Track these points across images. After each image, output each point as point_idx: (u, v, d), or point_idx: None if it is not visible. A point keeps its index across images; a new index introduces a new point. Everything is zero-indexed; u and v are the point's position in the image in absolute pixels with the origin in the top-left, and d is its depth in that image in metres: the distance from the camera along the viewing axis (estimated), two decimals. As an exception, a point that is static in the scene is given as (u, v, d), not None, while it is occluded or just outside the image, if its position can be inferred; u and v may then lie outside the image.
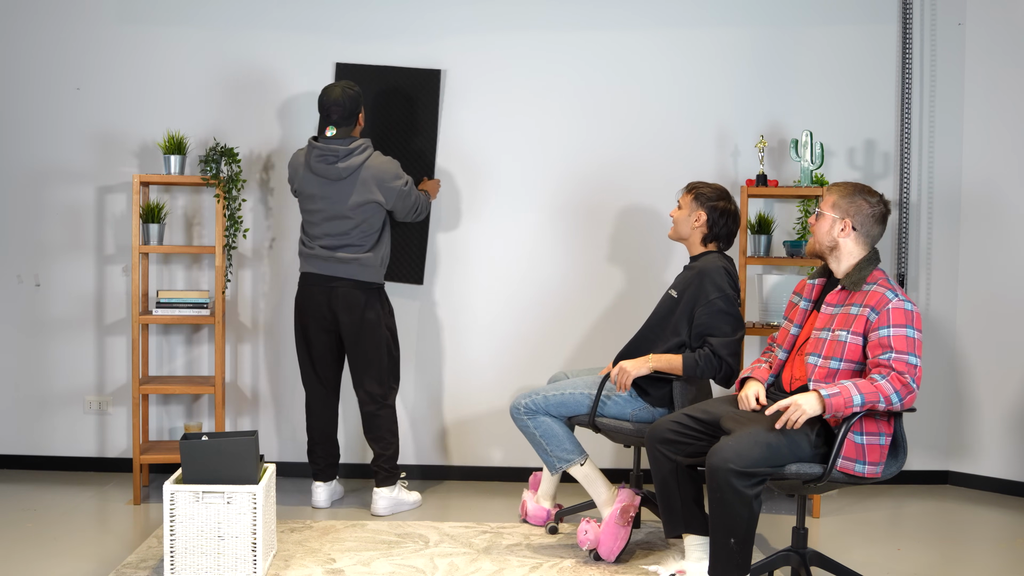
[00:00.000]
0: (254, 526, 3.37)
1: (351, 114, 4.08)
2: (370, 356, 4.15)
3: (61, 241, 4.71)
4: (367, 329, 4.13)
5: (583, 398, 3.78)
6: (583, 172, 4.69)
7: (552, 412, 3.79)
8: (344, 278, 4.10)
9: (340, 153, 4.06)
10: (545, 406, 3.78)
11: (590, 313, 4.72)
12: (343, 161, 4.05)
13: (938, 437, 4.75)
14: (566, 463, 3.77)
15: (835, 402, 3.01)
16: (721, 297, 3.67)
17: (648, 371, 3.68)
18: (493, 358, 4.73)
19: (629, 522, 3.60)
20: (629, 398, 3.75)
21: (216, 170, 4.33)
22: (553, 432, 3.78)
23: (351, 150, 4.06)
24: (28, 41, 4.66)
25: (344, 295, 4.10)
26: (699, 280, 3.70)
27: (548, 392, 3.80)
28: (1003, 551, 3.90)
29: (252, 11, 4.66)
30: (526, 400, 3.80)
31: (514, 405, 3.83)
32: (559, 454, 3.77)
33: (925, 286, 4.71)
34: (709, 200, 3.82)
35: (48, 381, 4.74)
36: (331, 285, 4.11)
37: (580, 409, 3.79)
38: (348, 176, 4.06)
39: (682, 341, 3.72)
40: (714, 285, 3.67)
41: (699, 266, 3.76)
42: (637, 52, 4.68)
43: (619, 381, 3.70)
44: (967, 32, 4.67)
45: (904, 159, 4.66)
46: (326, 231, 4.11)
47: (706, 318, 3.67)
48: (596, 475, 3.77)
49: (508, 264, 4.71)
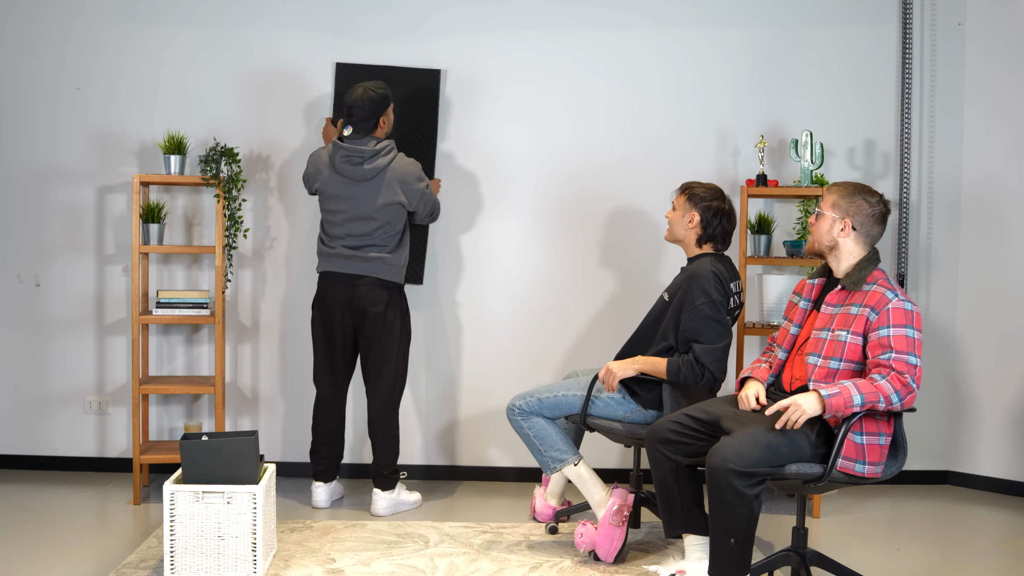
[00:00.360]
0: (254, 526, 3.37)
1: (371, 115, 4.07)
2: (386, 355, 4.15)
3: (61, 241, 4.71)
4: (387, 327, 4.14)
5: (575, 399, 3.78)
6: (582, 172, 4.69)
7: (546, 413, 3.78)
8: (368, 276, 4.10)
9: (366, 155, 4.06)
10: (539, 407, 3.78)
11: (592, 314, 4.72)
12: (369, 163, 4.06)
13: (938, 437, 4.76)
14: (560, 463, 3.76)
15: (835, 402, 3.01)
16: (707, 303, 3.62)
17: (634, 372, 3.68)
18: (495, 358, 4.73)
19: (624, 521, 3.59)
20: (621, 399, 3.75)
21: (216, 170, 4.33)
22: (546, 433, 3.77)
23: (376, 152, 4.07)
24: (28, 41, 4.66)
25: (367, 292, 4.11)
26: (688, 284, 3.68)
27: (542, 394, 3.80)
28: (1003, 551, 3.90)
29: (252, 11, 4.66)
30: (520, 402, 3.80)
31: (509, 406, 3.82)
32: (553, 454, 3.77)
33: (925, 286, 4.71)
34: (703, 200, 3.78)
35: (48, 381, 4.74)
36: (355, 283, 4.11)
37: (573, 409, 3.79)
38: (373, 178, 4.07)
39: (670, 345, 3.70)
40: (701, 290, 3.63)
41: (691, 269, 3.74)
42: (637, 52, 4.68)
43: (606, 381, 3.71)
44: (967, 32, 4.67)
45: (904, 159, 4.66)
46: (348, 231, 4.11)
47: (691, 323, 3.63)
48: (590, 476, 3.75)
49: (509, 265, 4.72)
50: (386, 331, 4.14)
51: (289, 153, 4.65)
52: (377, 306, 4.11)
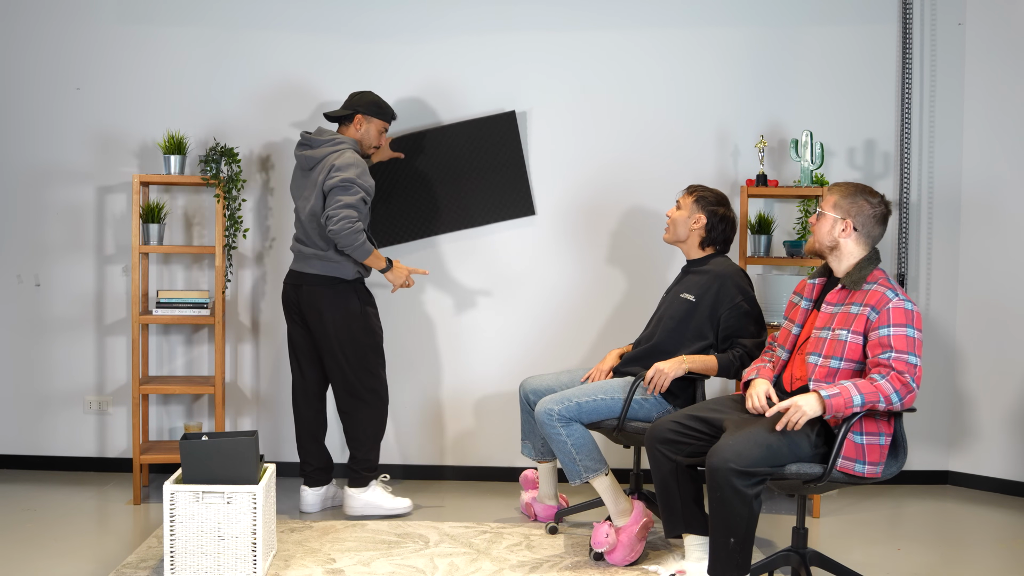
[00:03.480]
0: (254, 526, 3.37)
1: (352, 106, 4.07)
2: (339, 354, 4.04)
3: (61, 241, 4.71)
4: (335, 326, 4.02)
5: (615, 403, 3.70)
6: (582, 173, 4.69)
7: (584, 419, 3.69)
8: (310, 273, 4.02)
9: (314, 142, 4.02)
10: (578, 413, 3.67)
11: (590, 314, 4.72)
12: (313, 149, 4.01)
13: (938, 437, 4.76)
14: (593, 473, 3.67)
15: (835, 403, 3.01)
16: (746, 299, 3.75)
17: (683, 372, 3.68)
18: (493, 358, 4.73)
19: (645, 538, 3.63)
20: (655, 401, 3.74)
21: (216, 170, 4.33)
22: (585, 441, 3.67)
23: (324, 141, 4.02)
24: (29, 41, 4.66)
25: (308, 291, 4.03)
26: (719, 284, 3.74)
27: (580, 398, 3.69)
28: (1003, 551, 3.90)
29: (252, 11, 4.66)
30: (558, 407, 3.66)
31: (546, 411, 3.66)
32: (587, 463, 3.67)
33: (925, 286, 4.71)
34: (710, 204, 3.84)
35: (48, 381, 4.74)
36: (299, 283, 4.06)
37: (612, 414, 3.70)
38: (313, 168, 4.00)
39: (709, 343, 3.76)
40: (738, 288, 3.75)
41: (715, 270, 3.78)
42: (637, 52, 4.68)
43: (656, 382, 3.68)
44: (967, 32, 4.67)
45: (904, 159, 4.66)
46: (298, 227, 4.10)
47: (734, 321, 3.73)
48: (617, 485, 3.72)
49: (508, 264, 4.71)
50: (330, 328, 4.01)
51: (289, 153, 4.65)
52: (318, 303, 4.01)
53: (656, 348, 3.81)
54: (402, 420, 4.73)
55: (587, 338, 4.72)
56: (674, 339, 3.79)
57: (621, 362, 3.95)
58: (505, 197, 4.64)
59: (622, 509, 3.68)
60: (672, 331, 3.80)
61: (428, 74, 4.67)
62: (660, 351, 3.79)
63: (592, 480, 3.68)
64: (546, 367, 4.69)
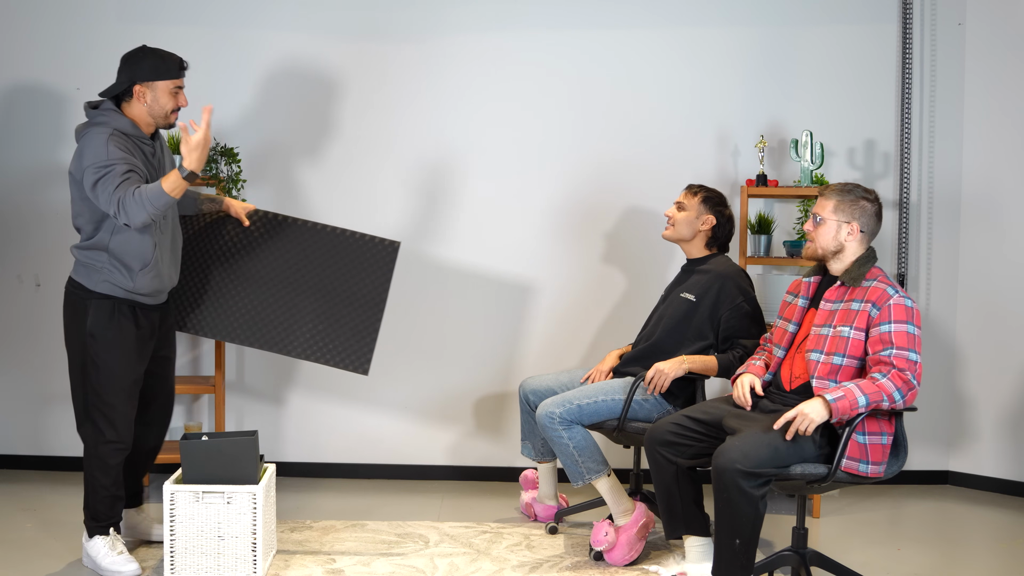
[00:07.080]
0: (254, 526, 3.37)
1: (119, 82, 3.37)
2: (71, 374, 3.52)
3: (61, 241, 4.70)
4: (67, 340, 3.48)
5: (615, 404, 3.71)
6: (582, 172, 4.69)
7: (585, 421, 3.69)
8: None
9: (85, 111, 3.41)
10: (579, 415, 3.67)
11: (589, 313, 4.72)
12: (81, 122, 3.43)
13: (938, 437, 4.75)
14: (595, 474, 3.67)
15: (841, 406, 3.02)
16: (747, 300, 3.77)
17: (683, 372, 3.69)
18: (492, 358, 4.73)
19: (644, 538, 3.64)
20: (655, 401, 3.74)
21: (216, 170, 4.33)
22: (587, 443, 3.67)
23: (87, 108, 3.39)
24: (28, 41, 4.65)
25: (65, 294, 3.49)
26: (720, 284, 3.75)
27: (581, 401, 3.69)
28: (1003, 551, 3.90)
29: (252, 11, 4.65)
30: (559, 410, 3.66)
31: (547, 414, 3.66)
32: (590, 465, 3.67)
33: (925, 286, 4.72)
34: (717, 205, 3.88)
35: (48, 381, 4.73)
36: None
37: (612, 415, 3.71)
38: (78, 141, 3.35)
39: (709, 344, 3.76)
40: (739, 288, 3.76)
41: (716, 270, 3.79)
42: (637, 52, 4.68)
43: (656, 383, 3.68)
44: (967, 32, 4.67)
45: (904, 159, 4.66)
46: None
47: (735, 321, 3.74)
48: (619, 486, 3.72)
49: (507, 264, 4.71)
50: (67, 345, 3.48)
51: (289, 153, 4.64)
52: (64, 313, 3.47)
53: (656, 348, 3.82)
54: (402, 420, 4.73)
55: (586, 338, 4.72)
56: (674, 339, 3.79)
57: (621, 362, 3.96)
58: (343, 340, 3.76)
59: (624, 509, 3.68)
60: (672, 331, 3.80)
61: (428, 74, 4.66)
62: (660, 351, 3.79)
63: (594, 481, 3.68)
64: (545, 367, 4.69)
